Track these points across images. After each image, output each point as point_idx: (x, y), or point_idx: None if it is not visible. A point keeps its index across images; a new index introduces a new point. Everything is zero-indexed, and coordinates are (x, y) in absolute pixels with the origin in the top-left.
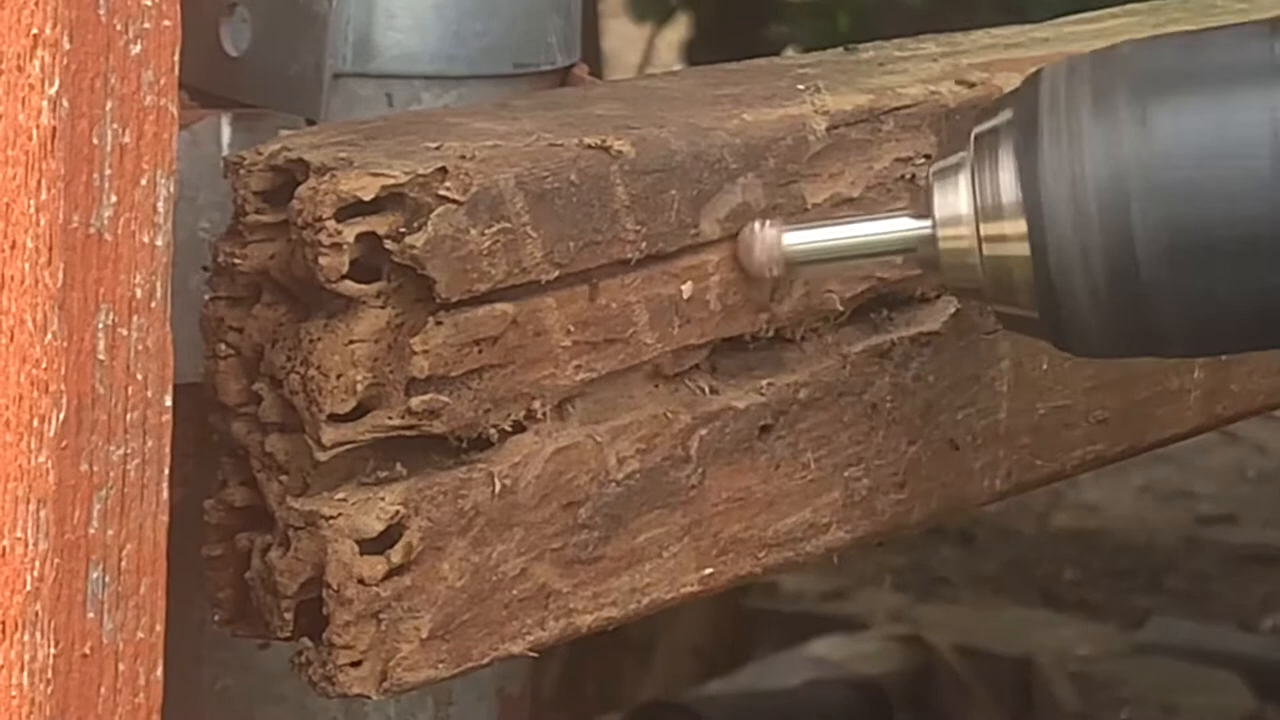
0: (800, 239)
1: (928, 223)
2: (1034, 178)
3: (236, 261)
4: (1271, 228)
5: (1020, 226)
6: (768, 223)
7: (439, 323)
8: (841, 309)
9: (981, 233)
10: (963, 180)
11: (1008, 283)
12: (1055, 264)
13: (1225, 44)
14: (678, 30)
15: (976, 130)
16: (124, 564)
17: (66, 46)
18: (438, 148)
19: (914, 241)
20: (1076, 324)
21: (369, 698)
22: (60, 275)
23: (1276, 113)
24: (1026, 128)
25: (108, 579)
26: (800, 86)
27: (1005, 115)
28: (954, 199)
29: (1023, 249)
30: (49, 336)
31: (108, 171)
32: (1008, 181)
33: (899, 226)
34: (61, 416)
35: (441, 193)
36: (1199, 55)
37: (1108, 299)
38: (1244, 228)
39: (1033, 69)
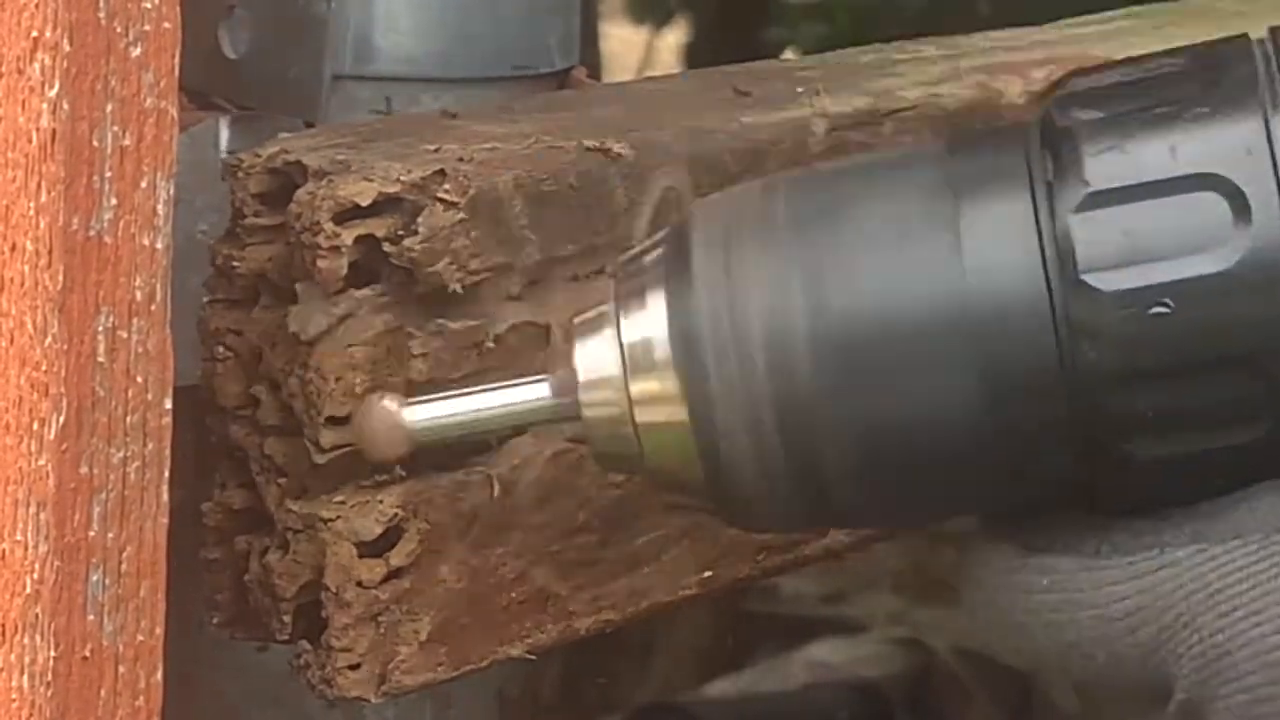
0: (423, 415)
1: (567, 386)
2: (688, 326)
3: (235, 264)
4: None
5: (674, 385)
6: (385, 399)
7: (438, 326)
8: None
9: (631, 393)
10: (607, 331)
11: (664, 455)
12: (719, 428)
13: (898, 192)
14: (677, 32)
15: (620, 274)
16: (124, 567)
17: (66, 49)
18: (436, 150)
19: (555, 410)
20: (749, 497)
21: (368, 700)
22: (60, 278)
23: (958, 269)
24: (678, 267)
25: (108, 581)
26: (800, 89)
27: (653, 253)
28: (600, 355)
29: (678, 413)
30: (49, 339)
31: (108, 174)
32: (657, 331)
33: (538, 394)
34: (61, 419)
35: (440, 195)
36: (871, 200)
37: (780, 461)
38: (940, 417)
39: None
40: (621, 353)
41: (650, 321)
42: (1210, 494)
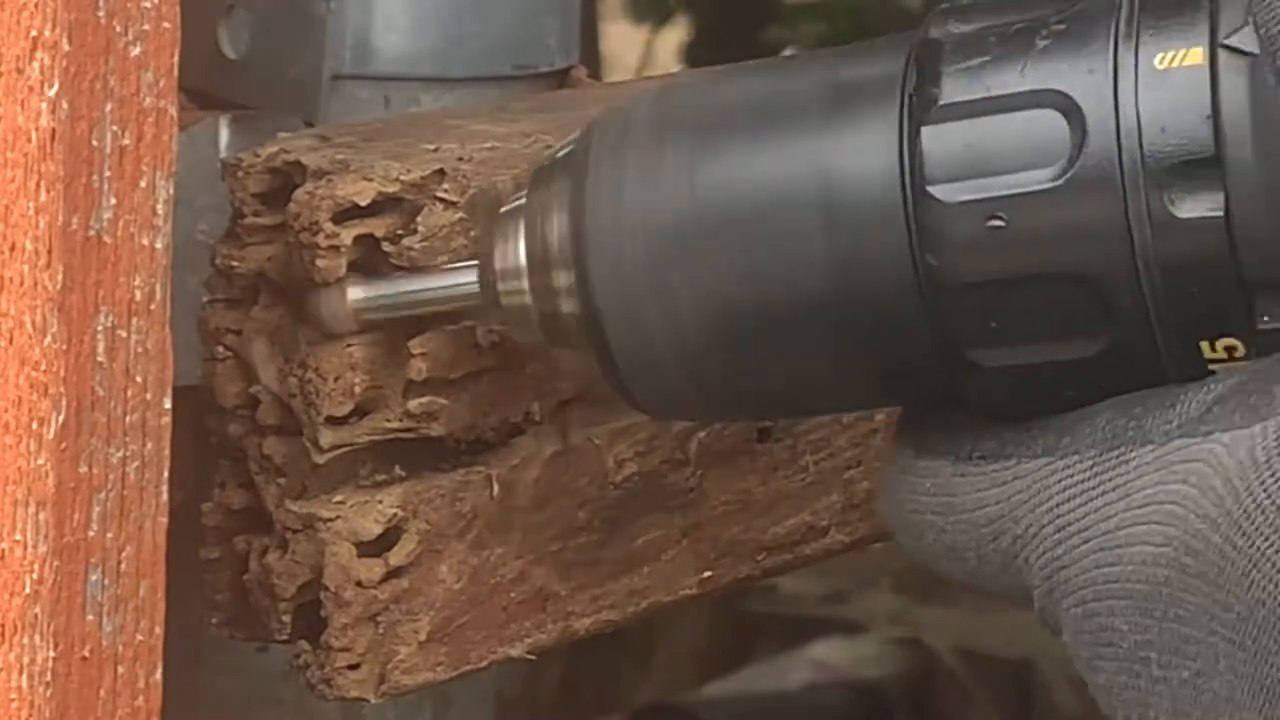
0: (365, 294)
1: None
2: (580, 220)
3: (234, 264)
4: (817, 300)
5: (570, 279)
6: (336, 283)
7: (437, 325)
8: None
9: (531, 285)
10: (520, 224)
11: (563, 342)
12: (608, 325)
13: (784, 93)
14: (677, 32)
15: (536, 167)
16: (123, 566)
17: (66, 48)
18: (435, 150)
19: (480, 297)
20: (638, 382)
21: (367, 700)
22: (59, 277)
23: (823, 162)
24: (578, 167)
25: (107, 581)
26: None
27: (564, 150)
28: (513, 247)
29: (573, 305)
30: (48, 339)
31: (107, 173)
32: (558, 228)
33: (467, 280)
34: (61, 419)
35: (439, 195)
36: (764, 91)
37: (664, 350)
38: (796, 303)
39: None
40: (525, 246)
41: (552, 216)
42: (1063, 407)
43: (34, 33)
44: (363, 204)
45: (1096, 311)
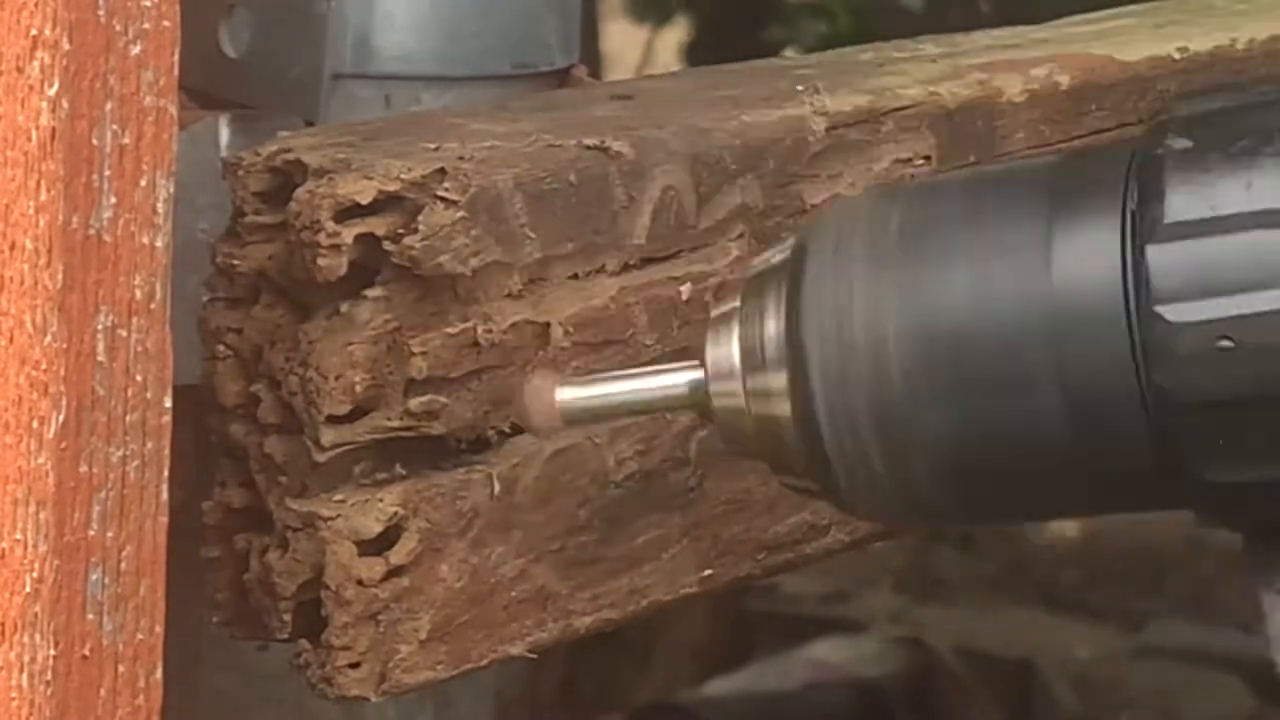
0: (576, 395)
1: (702, 376)
2: (797, 327)
3: (235, 263)
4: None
5: (784, 381)
6: (543, 380)
7: (437, 323)
8: None
9: (748, 388)
10: (735, 327)
11: (777, 446)
12: (823, 425)
13: (1002, 208)
14: (677, 31)
15: (748, 272)
16: (123, 565)
17: (66, 47)
18: (436, 149)
19: (691, 399)
20: (852, 489)
21: (368, 699)
22: (60, 277)
23: (1046, 279)
24: (795, 270)
25: (107, 580)
26: (799, 87)
27: (778, 255)
28: (726, 350)
29: (787, 407)
30: (48, 338)
31: (107, 173)
32: (773, 330)
33: (677, 381)
34: (61, 418)
35: (440, 194)
36: (983, 205)
37: (878, 461)
38: (1022, 425)
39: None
40: (740, 350)
41: (767, 321)
42: None
43: (34, 32)
44: (364, 203)
45: None
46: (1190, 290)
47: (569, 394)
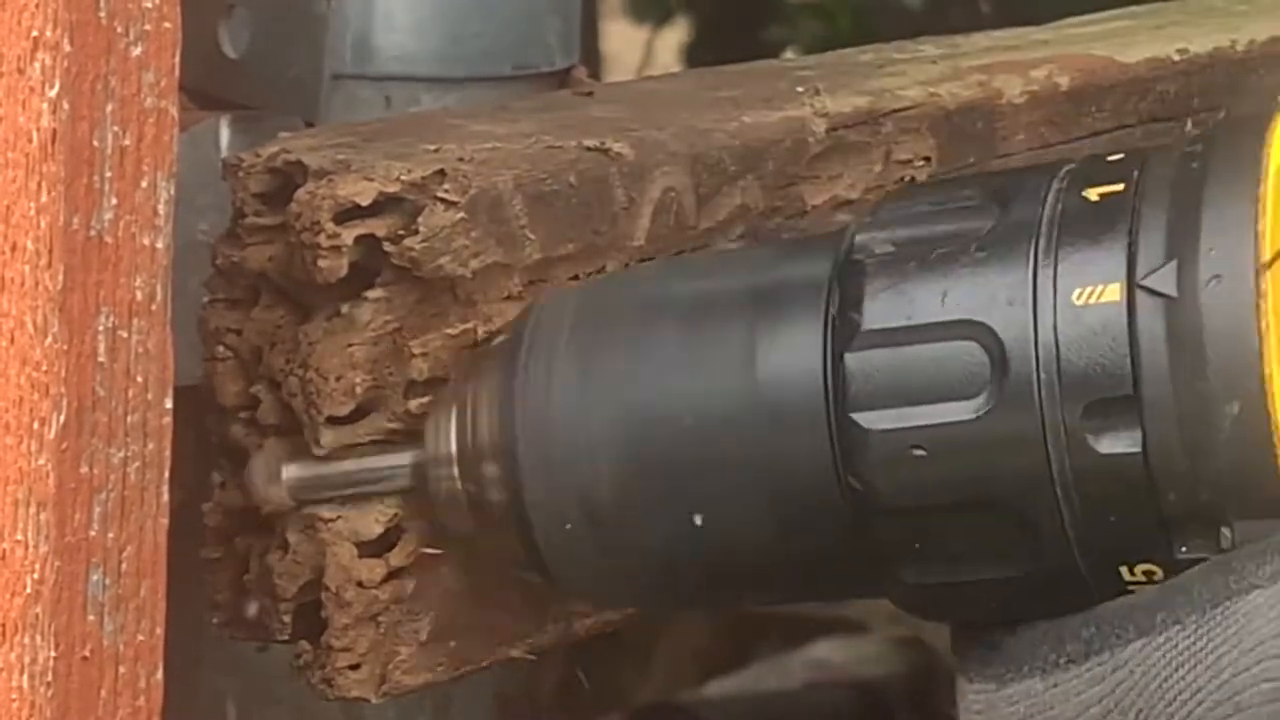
0: (300, 473)
1: (422, 459)
2: (510, 420)
3: (235, 263)
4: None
5: (497, 470)
6: (270, 452)
7: (438, 325)
8: None
9: (462, 473)
10: (453, 412)
11: (493, 533)
12: (533, 518)
13: (708, 306)
14: (677, 32)
15: (470, 356)
16: (124, 567)
17: (67, 49)
18: (436, 150)
19: (412, 481)
20: (566, 577)
21: (368, 700)
22: (60, 278)
23: (751, 379)
24: (509, 359)
25: (108, 581)
26: (799, 88)
27: (499, 339)
28: (444, 436)
29: (502, 496)
30: (49, 339)
31: (108, 174)
32: (485, 420)
33: (400, 462)
34: (62, 419)
35: (440, 195)
36: (693, 296)
37: (589, 553)
38: (714, 489)
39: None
40: (456, 435)
41: (481, 410)
42: (990, 619)
43: (35, 33)
44: (364, 204)
45: (1018, 537)
46: (885, 398)
47: (293, 471)
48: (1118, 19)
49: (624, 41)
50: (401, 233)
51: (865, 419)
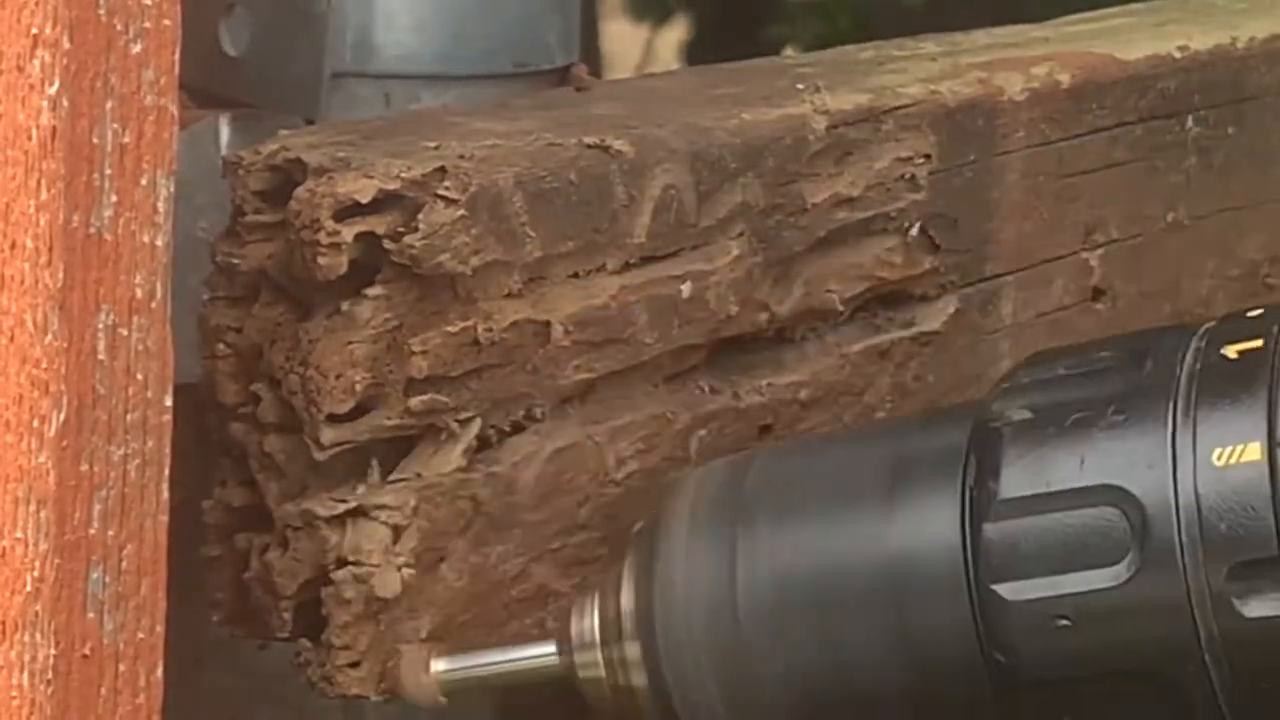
0: (449, 665)
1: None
2: (648, 597)
3: (235, 261)
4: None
5: (638, 652)
6: (418, 651)
7: (438, 322)
8: (841, 309)
9: (606, 659)
10: (596, 598)
11: (636, 715)
12: (672, 692)
13: (846, 478)
14: (677, 30)
15: (615, 545)
16: (124, 564)
17: (66, 46)
18: (436, 147)
19: (559, 670)
20: None
21: (368, 698)
22: (60, 275)
23: (891, 558)
24: (649, 541)
25: (108, 579)
26: (800, 86)
27: (639, 525)
28: (588, 622)
29: (643, 678)
30: (49, 337)
31: (108, 171)
32: (628, 602)
33: (546, 651)
34: (62, 417)
35: (440, 192)
36: (829, 474)
37: None
38: (872, 693)
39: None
40: (599, 621)
41: (623, 593)
42: None
43: (35, 31)
44: (364, 201)
45: (1168, 707)
46: (1026, 568)
47: (443, 666)
48: (1118, 16)
49: (624, 40)
50: (401, 230)
51: (1007, 590)
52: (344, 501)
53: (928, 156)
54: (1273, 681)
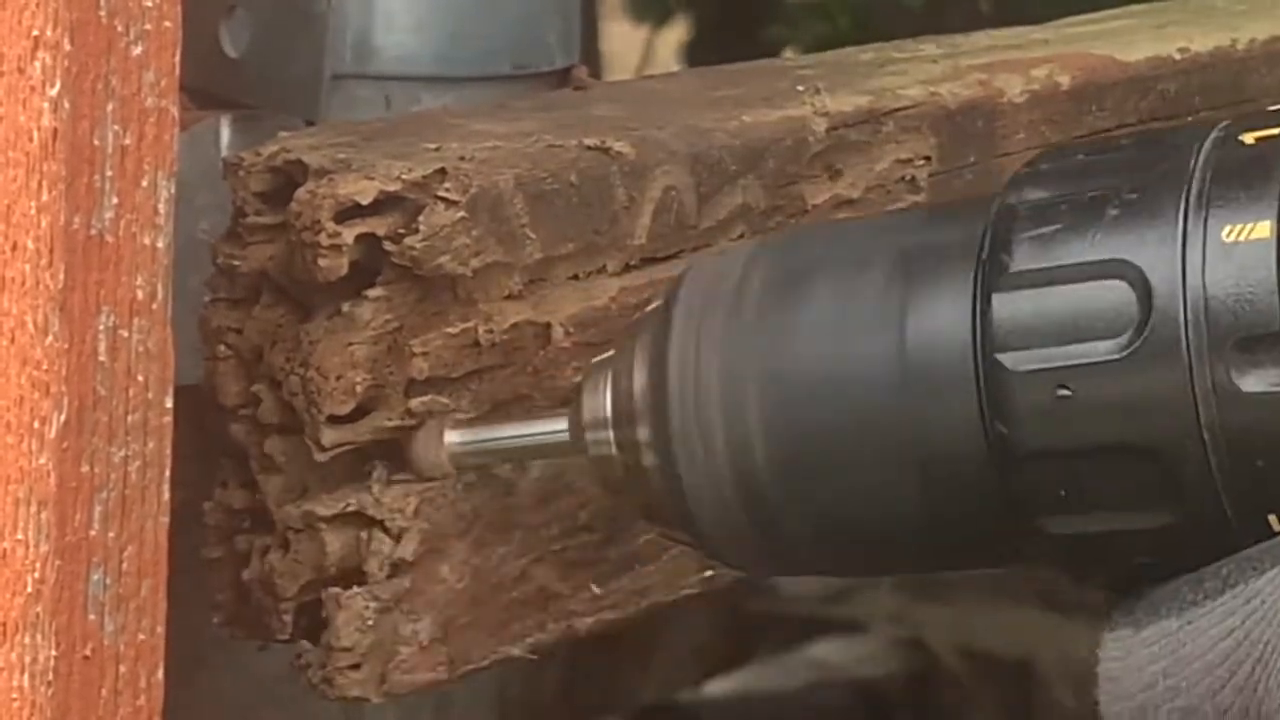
0: (461, 438)
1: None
2: (661, 383)
3: (236, 263)
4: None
5: (649, 434)
6: (434, 425)
7: (438, 324)
8: None
9: (617, 438)
10: (609, 376)
11: (646, 496)
12: (684, 480)
13: (862, 261)
14: (677, 31)
15: (628, 322)
16: (125, 566)
17: (67, 48)
18: (437, 149)
19: (570, 445)
20: (717, 542)
21: (368, 700)
22: (61, 277)
23: (898, 327)
24: (662, 324)
25: (109, 581)
26: (800, 88)
27: (653, 305)
28: (600, 400)
29: (653, 459)
30: (50, 338)
31: (109, 173)
32: (640, 383)
33: (558, 427)
34: (63, 418)
35: (441, 194)
36: (840, 256)
37: (740, 517)
38: (873, 463)
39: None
40: (611, 400)
41: (636, 373)
42: (1132, 572)
43: (36, 32)
44: (364, 203)
45: (1164, 483)
46: (1031, 338)
47: (454, 437)
48: (1118, 18)
49: (624, 41)
50: (402, 232)
51: (1010, 360)
52: (345, 503)
53: (928, 158)
54: (1267, 457)
